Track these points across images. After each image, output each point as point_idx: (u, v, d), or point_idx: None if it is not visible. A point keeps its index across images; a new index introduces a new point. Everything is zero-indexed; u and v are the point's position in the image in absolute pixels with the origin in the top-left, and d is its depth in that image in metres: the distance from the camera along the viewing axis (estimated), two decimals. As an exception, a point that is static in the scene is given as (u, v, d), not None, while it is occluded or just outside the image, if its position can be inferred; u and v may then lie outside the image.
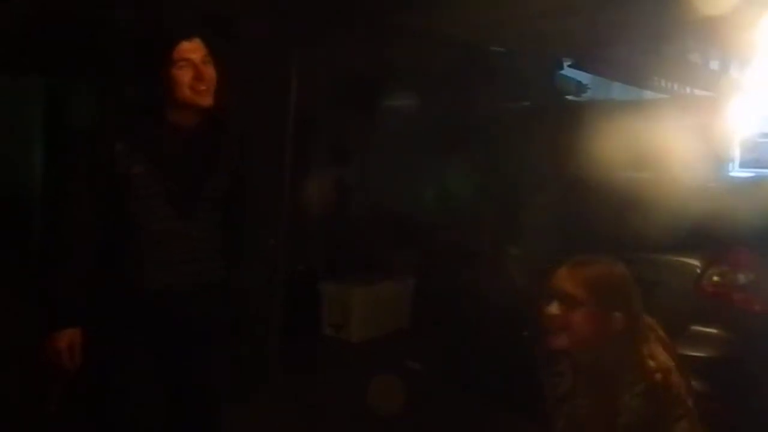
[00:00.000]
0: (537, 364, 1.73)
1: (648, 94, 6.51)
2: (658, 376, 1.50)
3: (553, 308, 1.54)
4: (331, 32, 3.82)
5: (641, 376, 1.50)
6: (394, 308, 4.87)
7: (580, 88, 6.10)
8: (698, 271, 3.24)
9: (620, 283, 1.57)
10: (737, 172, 7.34)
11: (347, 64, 4.40)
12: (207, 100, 1.92)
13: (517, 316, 3.34)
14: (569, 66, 5.69)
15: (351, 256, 4.96)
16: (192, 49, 1.89)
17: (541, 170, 4.56)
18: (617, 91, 6.78)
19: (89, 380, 1.92)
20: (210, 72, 1.92)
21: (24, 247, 3.54)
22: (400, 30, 4.08)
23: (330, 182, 4.93)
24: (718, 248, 3.29)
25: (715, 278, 3.22)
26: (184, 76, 1.87)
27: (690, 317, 3.09)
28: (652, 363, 1.51)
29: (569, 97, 6.00)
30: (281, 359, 3.71)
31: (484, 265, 4.13)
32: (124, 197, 1.87)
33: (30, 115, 3.82)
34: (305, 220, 4.81)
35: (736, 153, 8.04)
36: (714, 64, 6.51)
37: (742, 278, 3.20)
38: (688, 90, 6.49)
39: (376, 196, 5.06)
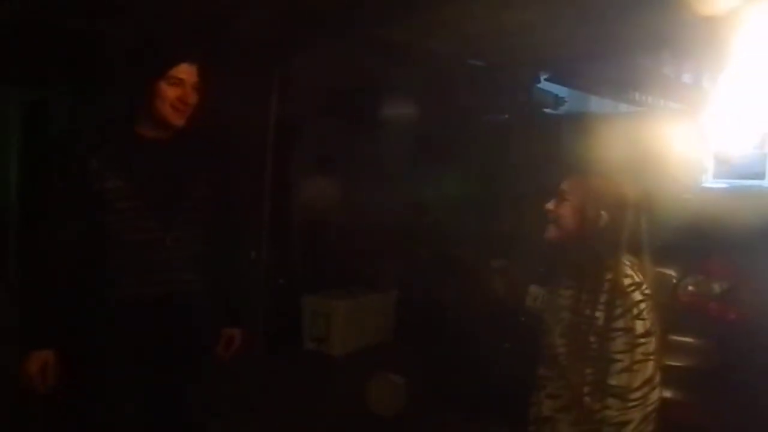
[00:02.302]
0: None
1: (623, 107, 6.62)
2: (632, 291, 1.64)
3: (550, 204, 1.76)
4: (313, 44, 3.84)
5: (616, 286, 1.64)
6: (376, 321, 4.85)
7: (558, 101, 6.19)
8: (674, 281, 3.29)
9: (612, 189, 1.72)
10: (711, 183, 7.47)
11: (330, 76, 4.42)
12: (181, 121, 1.93)
13: (498, 328, 3.37)
14: (546, 80, 5.77)
15: (333, 269, 4.94)
16: (188, 72, 1.91)
17: (520, 182, 4.60)
18: (594, 104, 6.88)
19: (70, 393, 1.90)
20: (195, 98, 1.93)
21: (1, 262, 3.49)
22: (380, 42, 4.11)
23: (312, 194, 4.93)
24: (693, 258, 3.35)
25: (691, 288, 3.28)
26: (170, 92, 1.88)
27: (666, 327, 3.13)
28: (628, 280, 1.66)
29: (547, 110, 6.08)
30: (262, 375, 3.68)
31: (467, 277, 4.14)
32: (99, 211, 1.86)
33: (6, 127, 3.77)
34: (287, 233, 4.79)
35: (710, 164, 8.18)
36: (687, 78, 6.64)
37: (716, 288, 3.26)
38: (662, 103, 6.60)
39: (358, 208, 5.07)
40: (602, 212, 1.67)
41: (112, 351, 1.90)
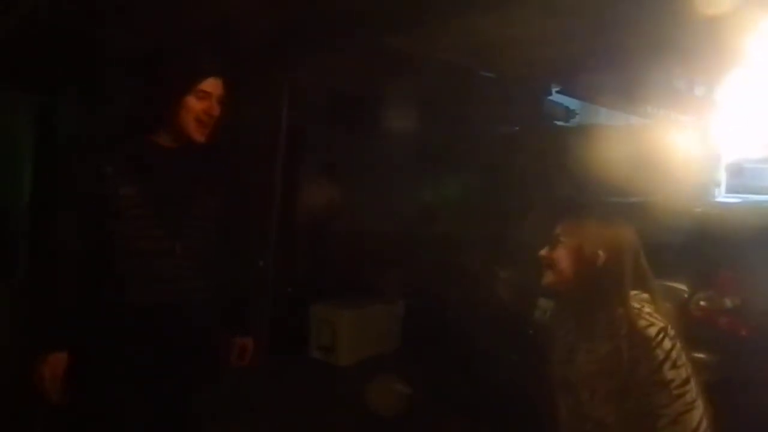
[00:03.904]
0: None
1: (634, 119, 6.60)
2: (641, 323, 1.59)
3: (544, 251, 1.72)
4: (322, 52, 3.86)
5: (624, 321, 1.60)
6: (383, 330, 4.83)
7: (569, 113, 6.18)
8: (685, 295, 3.26)
9: (608, 229, 1.69)
10: (724, 198, 7.41)
11: (337, 85, 4.43)
12: (202, 137, 1.94)
13: (506, 339, 3.34)
14: (558, 92, 5.77)
15: (340, 278, 4.94)
16: (215, 85, 1.92)
17: (529, 193, 4.59)
18: (604, 116, 6.86)
19: (76, 397, 1.89)
20: (218, 112, 1.94)
21: (11, 266, 3.51)
22: (390, 52, 4.12)
23: (319, 202, 4.93)
24: (704, 273, 3.32)
25: (702, 303, 3.25)
26: (197, 105, 1.89)
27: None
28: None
29: (558, 122, 6.08)
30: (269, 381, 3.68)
31: (474, 287, 4.12)
32: (110, 218, 1.86)
33: (19, 132, 3.80)
34: (294, 242, 4.79)
35: (723, 178, 8.12)
36: (699, 90, 6.61)
37: (728, 303, 3.22)
38: (673, 116, 6.58)
39: (365, 217, 5.07)
40: (599, 252, 1.64)
41: (120, 357, 1.90)
